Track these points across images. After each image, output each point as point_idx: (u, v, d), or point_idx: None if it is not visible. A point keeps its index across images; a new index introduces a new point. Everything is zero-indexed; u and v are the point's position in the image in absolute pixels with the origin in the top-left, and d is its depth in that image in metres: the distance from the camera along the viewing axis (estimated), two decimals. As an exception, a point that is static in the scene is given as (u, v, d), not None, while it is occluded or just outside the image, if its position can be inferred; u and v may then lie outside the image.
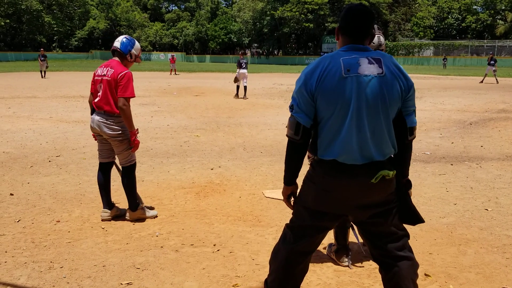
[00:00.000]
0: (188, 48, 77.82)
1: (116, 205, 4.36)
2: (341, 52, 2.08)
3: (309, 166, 2.28)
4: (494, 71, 24.81)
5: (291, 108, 2.15)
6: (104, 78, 3.92)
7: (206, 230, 3.98)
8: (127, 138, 4.00)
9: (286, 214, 4.31)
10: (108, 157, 4.20)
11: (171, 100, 15.24)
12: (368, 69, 2.01)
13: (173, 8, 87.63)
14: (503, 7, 60.25)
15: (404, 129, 2.16)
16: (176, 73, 33.18)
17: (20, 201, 4.68)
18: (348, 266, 3.27)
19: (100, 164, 4.22)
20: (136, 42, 4.13)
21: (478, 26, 61.76)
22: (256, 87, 20.96)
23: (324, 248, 3.52)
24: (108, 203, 4.17)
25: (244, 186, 5.34)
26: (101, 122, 3.92)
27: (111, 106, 3.89)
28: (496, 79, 24.99)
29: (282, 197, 4.45)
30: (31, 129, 9.02)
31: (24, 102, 14.01)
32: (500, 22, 60.34)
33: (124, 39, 4.03)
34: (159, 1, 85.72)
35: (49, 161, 6.43)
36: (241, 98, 15.94)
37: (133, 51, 4.06)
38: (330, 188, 2.10)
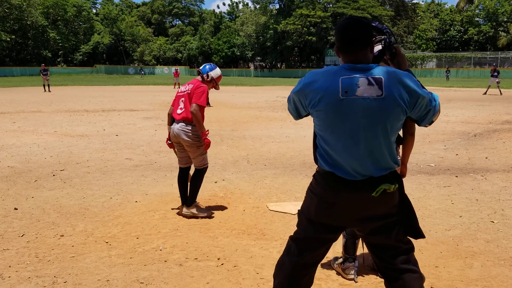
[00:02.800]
0: (192, 62, 78.39)
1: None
2: (343, 70, 2.03)
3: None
4: (498, 82, 24.82)
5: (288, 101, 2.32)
6: (185, 93, 4.58)
7: (210, 243, 3.96)
8: (201, 146, 4.54)
9: (290, 227, 4.29)
10: (186, 163, 4.79)
11: (175, 113, 15.28)
12: (367, 91, 1.97)
13: (177, 22, 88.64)
14: (505, 19, 60.51)
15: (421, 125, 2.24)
16: (180, 86, 33.33)
17: (24, 215, 4.68)
18: (353, 279, 3.24)
19: (180, 168, 4.83)
20: (217, 69, 4.80)
21: (481, 38, 61.99)
22: (259, 100, 21.04)
23: (329, 265, 3.49)
24: (185, 200, 4.77)
25: (248, 199, 5.33)
26: (180, 130, 4.48)
27: (187, 114, 4.48)
28: (500, 91, 24.97)
29: (286, 210, 4.44)
30: (35, 144, 9.06)
31: (29, 116, 14.10)
32: (502, 34, 60.60)
33: (208, 65, 4.77)
34: (163, 16, 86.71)
35: (53, 175, 6.45)
36: (211, 106, 17.27)
37: (210, 73, 4.69)
38: (331, 200, 2.10)
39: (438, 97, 2.21)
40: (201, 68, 4.74)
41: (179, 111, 4.56)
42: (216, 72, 4.74)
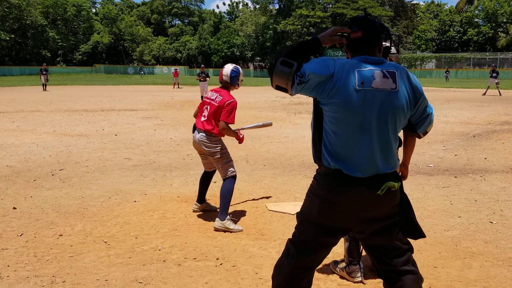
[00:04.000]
0: (191, 62, 78.35)
1: (207, 201, 4.96)
2: (358, 63, 2.03)
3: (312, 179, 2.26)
4: (497, 83, 24.84)
5: (297, 77, 1.99)
6: (212, 102, 4.40)
7: (209, 243, 3.96)
8: (224, 155, 4.44)
9: (289, 228, 4.28)
10: (210, 168, 4.75)
11: (174, 113, 15.30)
12: (382, 83, 2.00)
13: (177, 22, 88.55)
14: (504, 20, 60.55)
15: (416, 135, 2.33)
16: (179, 86, 33.34)
17: (23, 215, 4.68)
18: (361, 281, 3.22)
19: (205, 171, 4.82)
20: (241, 70, 4.56)
21: (480, 38, 62.06)
22: (259, 100, 21.03)
23: (328, 266, 3.48)
24: (200, 199, 4.80)
25: (247, 199, 5.33)
26: (201, 140, 4.40)
27: (213, 127, 4.36)
28: (499, 91, 24.99)
29: (285, 211, 4.41)
30: (34, 143, 9.05)
31: (28, 116, 14.09)
32: (502, 34, 60.63)
33: (233, 73, 4.46)
34: (163, 15, 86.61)
35: (52, 174, 6.44)
36: None
37: (239, 81, 4.52)
38: (335, 201, 2.07)
39: (433, 108, 2.29)
40: (228, 80, 4.42)
41: (202, 119, 4.46)
42: (241, 73, 4.53)
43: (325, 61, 2.04)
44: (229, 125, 4.32)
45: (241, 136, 4.54)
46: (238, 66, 4.55)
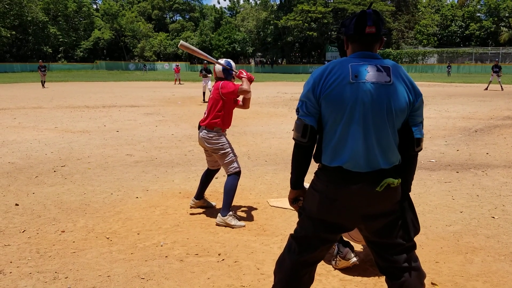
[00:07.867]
0: (193, 58, 78.19)
1: (205, 197, 4.90)
2: (350, 58, 2.07)
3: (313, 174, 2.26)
4: (499, 77, 24.78)
5: (297, 111, 2.14)
6: (211, 97, 4.48)
7: (210, 239, 3.97)
8: (227, 150, 4.39)
9: (291, 223, 4.29)
10: (213, 165, 4.73)
11: (176, 109, 15.29)
12: (376, 76, 2.00)
13: (178, 18, 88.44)
14: (506, 14, 60.26)
15: (411, 140, 2.11)
16: (181, 82, 33.33)
17: (25, 211, 4.69)
18: (356, 261, 3.24)
19: (208, 168, 4.79)
20: (231, 62, 4.54)
21: (482, 33, 61.74)
22: (260, 95, 21.01)
23: (329, 261, 3.49)
24: (198, 195, 4.78)
25: (248, 195, 5.34)
26: (203, 137, 4.42)
27: (209, 120, 4.38)
28: (501, 86, 24.92)
29: (287, 206, 4.42)
30: (36, 140, 9.06)
31: (30, 112, 14.10)
32: (504, 29, 60.34)
33: (228, 64, 4.48)
34: (164, 11, 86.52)
35: (54, 171, 6.45)
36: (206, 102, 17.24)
37: (234, 73, 4.52)
38: (334, 196, 2.07)
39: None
40: (221, 74, 4.48)
41: (204, 116, 4.48)
42: (234, 65, 4.57)
43: (310, 77, 2.14)
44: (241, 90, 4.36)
45: (244, 75, 4.45)
46: (228, 60, 4.55)
